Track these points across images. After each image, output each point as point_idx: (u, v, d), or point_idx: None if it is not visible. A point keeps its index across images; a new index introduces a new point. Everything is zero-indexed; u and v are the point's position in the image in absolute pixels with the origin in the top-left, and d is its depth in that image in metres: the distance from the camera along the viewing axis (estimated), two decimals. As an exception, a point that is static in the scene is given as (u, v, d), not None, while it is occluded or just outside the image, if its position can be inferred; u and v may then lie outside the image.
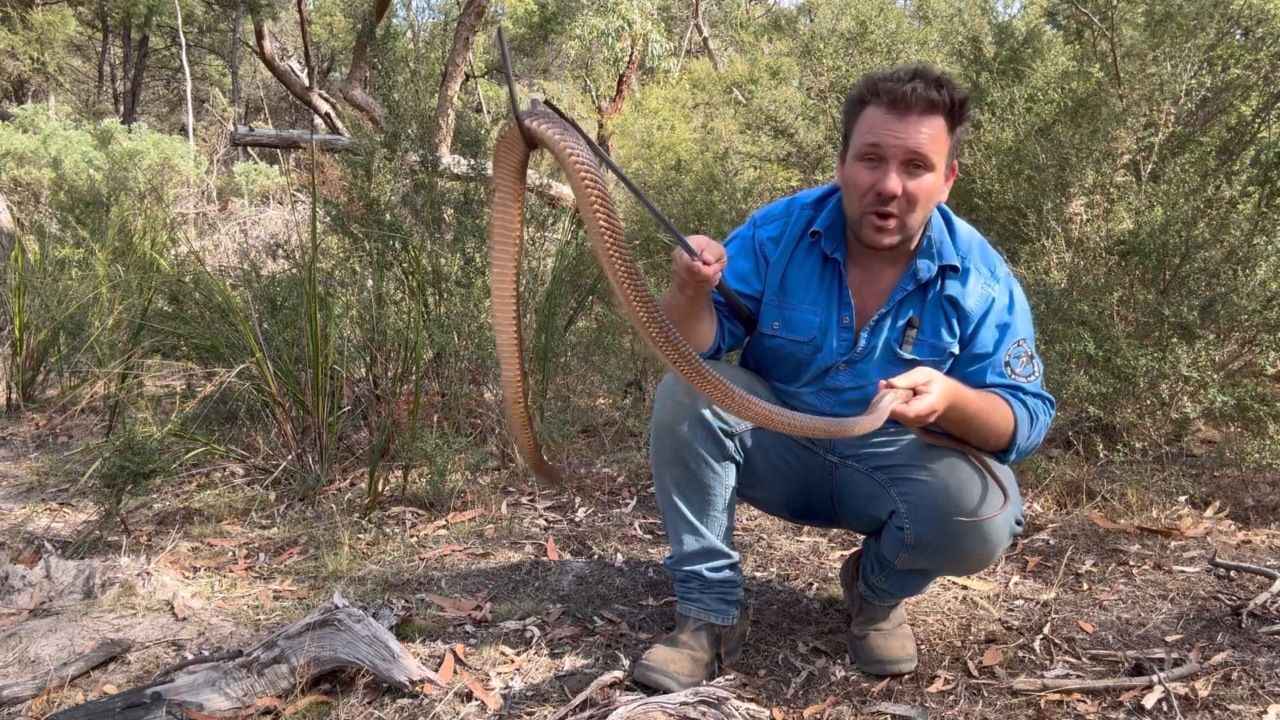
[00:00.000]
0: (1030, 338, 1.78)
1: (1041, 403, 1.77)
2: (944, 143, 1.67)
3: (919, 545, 1.73)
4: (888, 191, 1.66)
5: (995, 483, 1.68)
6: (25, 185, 9.36)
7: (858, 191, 1.70)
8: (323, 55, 19.78)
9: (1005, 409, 1.71)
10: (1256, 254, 2.83)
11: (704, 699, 1.64)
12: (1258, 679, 1.75)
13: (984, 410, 1.69)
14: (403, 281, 3.49)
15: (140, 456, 2.54)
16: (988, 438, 1.71)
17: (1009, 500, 1.68)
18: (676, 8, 17.36)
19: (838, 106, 4.65)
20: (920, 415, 1.56)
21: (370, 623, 1.79)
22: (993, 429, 1.70)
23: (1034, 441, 1.76)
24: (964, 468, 1.69)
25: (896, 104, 1.64)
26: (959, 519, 1.65)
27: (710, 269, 1.57)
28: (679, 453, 1.82)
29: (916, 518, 1.71)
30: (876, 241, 1.72)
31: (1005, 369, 1.75)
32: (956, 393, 1.64)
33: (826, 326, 1.82)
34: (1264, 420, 2.72)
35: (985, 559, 1.72)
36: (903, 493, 1.74)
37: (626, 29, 8.46)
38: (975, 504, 1.65)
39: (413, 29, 13.00)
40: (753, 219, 1.93)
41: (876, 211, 1.69)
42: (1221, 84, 3.43)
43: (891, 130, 1.64)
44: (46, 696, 1.78)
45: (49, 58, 17.73)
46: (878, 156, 1.67)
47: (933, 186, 1.68)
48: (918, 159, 1.65)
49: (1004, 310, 1.76)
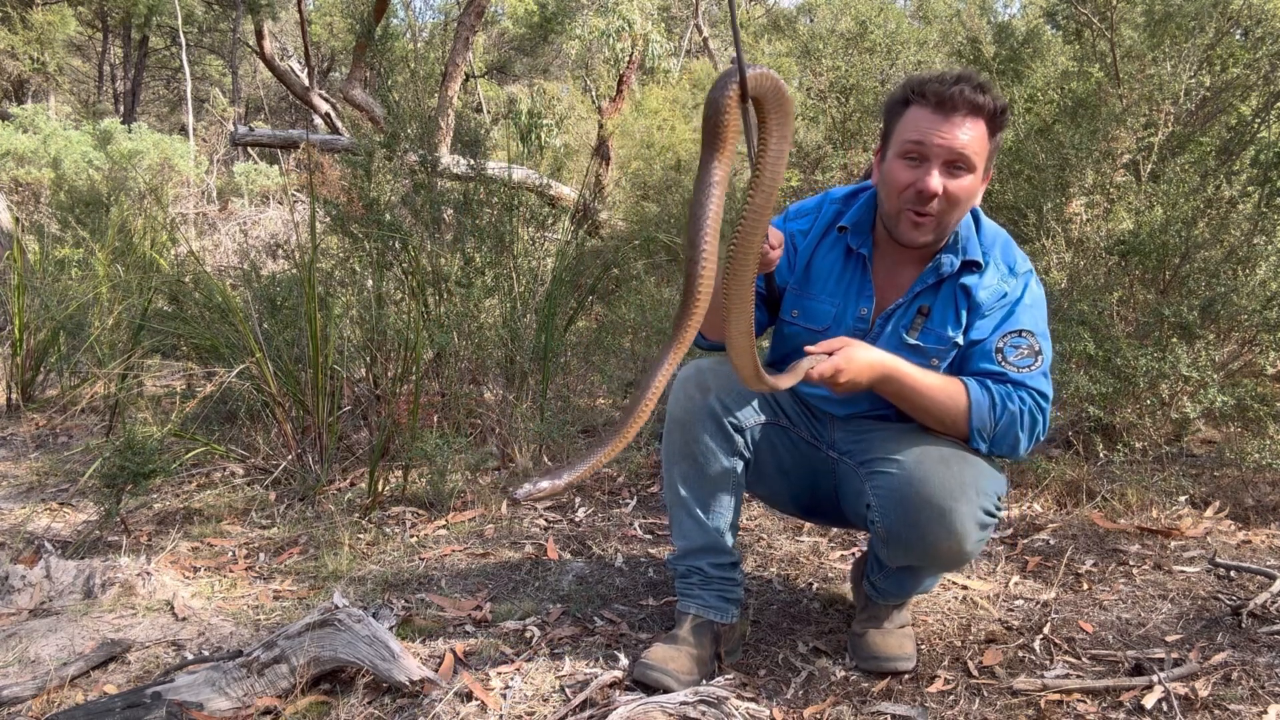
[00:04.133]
0: (1039, 334, 1.76)
1: (1023, 392, 1.71)
2: (985, 146, 1.69)
3: (890, 539, 1.73)
4: (929, 190, 1.67)
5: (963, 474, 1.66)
6: (25, 185, 9.37)
7: (896, 188, 1.71)
8: (323, 55, 19.78)
9: (957, 389, 1.70)
10: (1256, 254, 2.83)
11: (704, 698, 1.64)
12: (1258, 679, 1.75)
13: (928, 388, 1.69)
14: (403, 281, 3.50)
15: (140, 456, 2.55)
16: (939, 417, 1.71)
17: (978, 491, 1.66)
18: (676, 8, 17.36)
19: (837, 106, 4.66)
20: (824, 375, 1.62)
21: (370, 623, 1.79)
22: (939, 408, 1.70)
23: (1008, 433, 1.71)
24: (931, 458, 1.67)
25: (942, 105, 1.66)
26: (922, 510, 1.65)
27: (775, 253, 1.63)
28: (689, 447, 1.84)
29: (884, 510, 1.71)
30: (912, 239, 1.74)
31: (996, 355, 1.74)
32: (887, 365, 1.67)
33: (841, 317, 1.83)
34: (1264, 420, 2.72)
35: (955, 552, 1.68)
36: (874, 486, 1.74)
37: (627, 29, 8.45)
38: (937, 494, 1.64)
39: (412, 29, 13.00)
40: (786, 212, 1.96)
41: (915, 210, 1.70)
42: (1221, 84, 3.43)
43: (937, 130, 1.66)
44: (46, 696, 1.78)
45: (49, 58, 17.73)
46: (920, 155, 1.68)
47: (971, 188, 1.70)
48: (960, 160, 1.66)
49: (1011, 303, 1.77)
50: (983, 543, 1.72)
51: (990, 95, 1.68)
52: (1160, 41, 3.34)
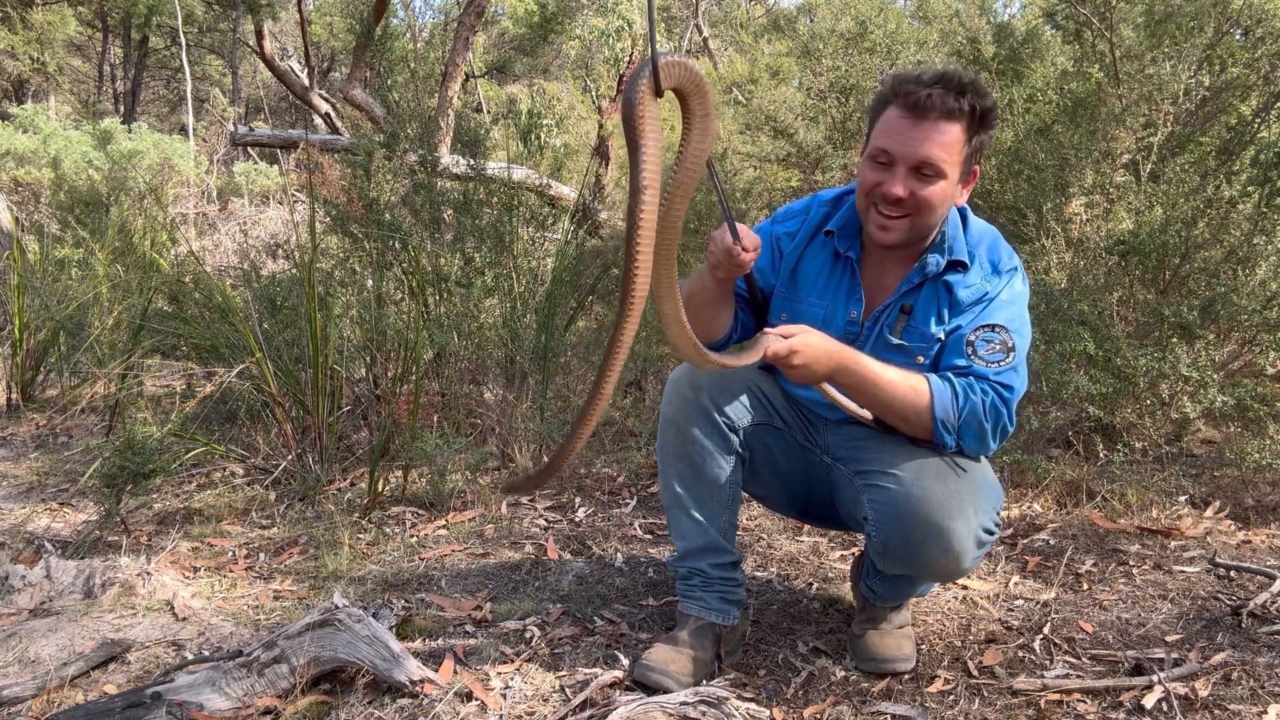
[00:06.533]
0: (1016, 331, 1.72)
1: (985, 385, 1.68)
2: (958, 150, 1.66)
3: (886, 552, 1.73)
4: (892, 195, 1.67)
5: (962, 492, 1.66)
6: (25, 185, 9.37)
7: (864, 188, 1.72)
8: (323, 55, 19.78)
9: (918, 381, 1.68)
10: (1256, 254, 2.83)
11: (704, 699, 1.64)
12: (1258, 679, 1.75)
13: (888, 381, 1.66)
14: (403, 281, 3.50)
15: (140, 456, 2.54)
16: (900, 411, 1.68)
17: (977, 510, 1.65)
18: (676, 8, 17.36)
19: (837, 106, 4.65)
20: (778, 354, 1.59)
21: (370, 623, 1.79)
22: (900, 401, 1.67)
23: (972, 424, 1.68)
24: (929, 474, 1.67)
25: (914, 108, 1.64)
26: (919, 528, 1.64)
27: (748, 255, 1.62)
28: (684, 447, 1.84)
29: (880, 525, 1.71)
30: (880, 239, 1.74)
31: (966, 348, 1.71)
32: (843, 356, 1.64)
33: (829, 320, 1.83)
34: (1264, 420, 2.72)
35: (951, 568, 1.70)
36: (871, 499, 1.73)
37: (627, 29, 8.45)
38: (936, 513, 1.63)
39: (412, 29, 13.00)
40: (774, 215, 1.96)
41: (881, 211, 1.70)
42: (1221, 84, 3.43)
43: (904, 135, 1.65)
44: (46, 696, 1.78)
45: (49, 58, 17.73)
46: (888, 160, 1.68)
47: (942, 193, 1.68)
48: (926, 166, 1.65)
49: (991, 300, 1.74)
50: (980, 558, 1.73)
51: (969, 98, 1.64)
52: (1160, 41, 3.33)
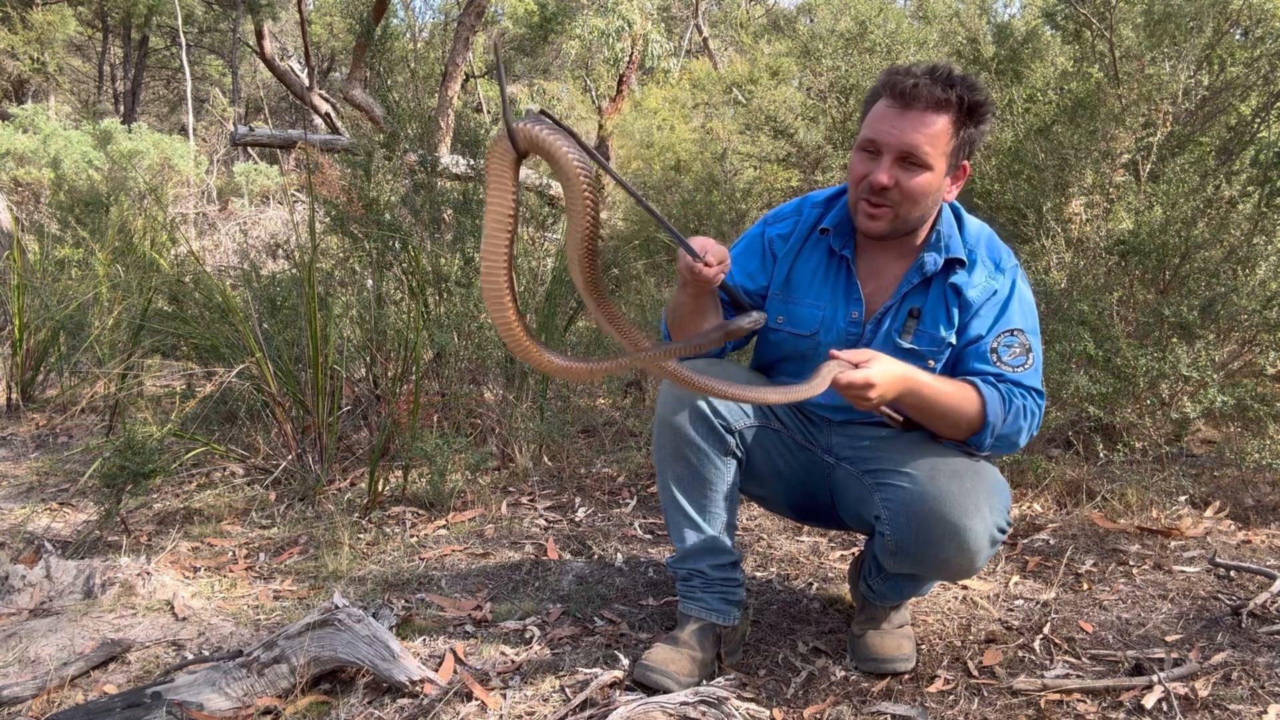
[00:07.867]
0: (1030, 330, 1.76)
1: (1023, 391, 1.73)
2: (945, 142, 1.67)
3: (899, 551, 1.73)
4: (878, 183, 1.68)
5: (977, 490, 1.66)
6: (25, 185, 9.36)
7: (854, 179, 1.74)
8: (323, 55, 19.78)
9: (970, 392, 1.69)
10: (1256, 254, 2.83)
11: (704, 699, 1.64)
12: (1258, 679, 1.75)
13: (946, 395, 1.68)
14: (403, 281, 3.49)
15: (140, 456, 2.55)
16: (956, 423, 1.70)
17: (991, 509, 1.66)
18: (676, 8, 17.35)
19: (837, 106, 4.65)
20: (854, 384, 1.55)
21: (370, 623, 1.79)
22: (957, 414, 1.69)
23: (1014, 427, 1.71)
24: (944, 473, 1.67)
25: (901, 98, 1.65)
26: (935, 527, 1.64)
27: (711, 270, 1.60)
28: (680, 448, 1.84)
29: (895, 523, 1.71)
30: (867, 229, 1.75)
31: (991, 355, 1.74)
32: (911, 379, 1.63)
33: (830, 320, 1.83)
34: (1264, 420, 2.72)
35: (965, 567, 1.70)
36: (884, 498, 1.73)
37: (626, 29, 8.47)
38: (953, 512, 1.64)
39: (412, 29, 13.00)
40: (765, 218, 1.96)
41: (869, 200, 1.72)
42: (1220, 84, 3.43)
43: (890, 124, 1.66)
44: (46, 696, 1.79)
45: (49, 58, 17.73)
46: (875, 149, 1.69)
47: (928, 184, 1.69)
48: (911, 155, 1.66)
49: (1002, 301, 1.76)
50: (990, 557, 1.73)
51: (959, 89, 1.65)
52: (1159, 41, 3.33)
